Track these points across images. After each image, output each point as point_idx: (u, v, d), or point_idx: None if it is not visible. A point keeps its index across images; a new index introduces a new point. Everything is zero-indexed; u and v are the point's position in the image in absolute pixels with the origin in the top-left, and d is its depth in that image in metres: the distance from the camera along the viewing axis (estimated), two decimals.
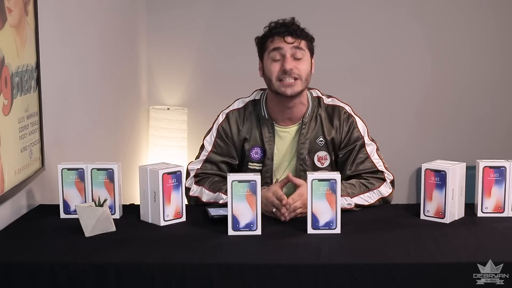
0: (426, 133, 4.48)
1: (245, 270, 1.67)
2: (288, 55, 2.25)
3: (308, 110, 2.33)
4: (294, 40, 2.25)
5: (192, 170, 2.32)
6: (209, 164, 2.32)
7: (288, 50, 2.25)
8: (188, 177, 2.31)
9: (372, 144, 2.33)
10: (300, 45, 2.26)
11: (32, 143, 2.15)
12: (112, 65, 3.45)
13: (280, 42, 2.25)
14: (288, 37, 2.25)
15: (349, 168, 2.29)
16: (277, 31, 2.27)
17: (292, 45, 2.25)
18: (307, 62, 2.28)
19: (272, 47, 2.27)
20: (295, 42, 2.25)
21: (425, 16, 4.37)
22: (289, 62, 2.24)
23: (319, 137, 2.32)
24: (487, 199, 2.06)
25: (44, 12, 2.26)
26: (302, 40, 2.26)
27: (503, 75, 4.43)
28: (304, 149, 2.31)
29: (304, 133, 2.32)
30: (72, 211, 2.05)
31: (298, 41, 2.25)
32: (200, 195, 2.24)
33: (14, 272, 1.67)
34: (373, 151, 2.32)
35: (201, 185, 2.27)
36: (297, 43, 2.25)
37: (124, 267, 1.68)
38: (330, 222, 1.90)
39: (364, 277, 1.67)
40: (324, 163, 2.33)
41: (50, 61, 2.33)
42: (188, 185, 2.29)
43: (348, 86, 4.33)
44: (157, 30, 4.31)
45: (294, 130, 2.34)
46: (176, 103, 4.38)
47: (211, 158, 2.33)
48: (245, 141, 2.33)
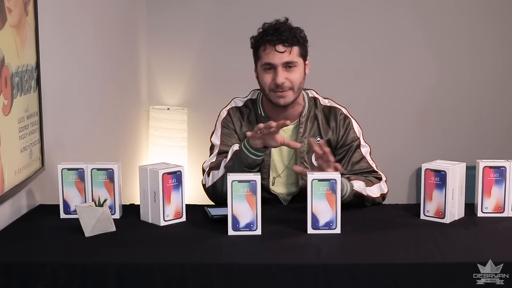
0: (426, 133, 4.48)
1: (245, 270, 1.67)
2: (279, 68, 2.23)
3: (304, 110, 2.35)
4: (285, 49, 2.22)
5: (206, 167, 2.32)
6: (221, 157, 2.31)
7: (279, 63, 2.23)
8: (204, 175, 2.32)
9: (366, 146, 2.37)
10: (291, 54, 2.23)
11: (32, 143, 2.15)
12: (112, 65, 3.45)
13: (271, 52, 2.23)
14: (279, 46, 2.22)
15: (345, 167, 2.30)
16: (268, 39, 2.23)
17: (283, 55, 2.22)
18: (300, 69, 2.27)
19: (264, 59, 2.25)
20: (286, 51, 2.22)
21: (426, 17, 4.37)
22: (281, 75, 2.22)
23: (316, 137, 2.33)
24: (487, 199, 2.06)
25: (44, 12, 2.26)
26: (294, 46, 2.24)
27: (503, 75, 4.44)
28: (304, 148, 2.32)
29: (302, 132, 2.33)
30: (72, 211, 2.05)
31: (289, 49, 2.22)
32: (212, 180, 2.24)
33: (14, 272, 1.67)
34: (367, 153, 2.36)
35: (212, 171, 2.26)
36: (288, 52, 2.22)
37: (124, 267, 1.68)
38: (330, 222, 1.90)
39: (364, 277, 1.67)
40: None
41: (50, 61, 2.33)
42: (204, 182, 2.30)
43: (349, 86, 4.33)
44: (157, 30, 4.31)
45: (291, 129, 2.34)
46: (176, 103, 4.39)
47: (222, 150, 2.32)
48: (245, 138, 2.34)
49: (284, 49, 2.22)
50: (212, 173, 2.26)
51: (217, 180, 2.23)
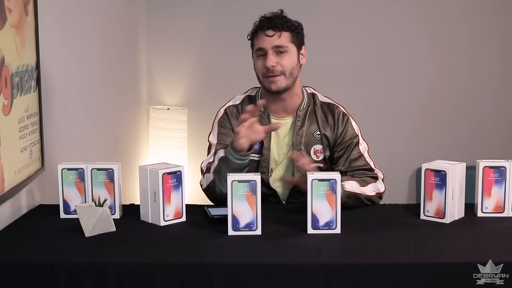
0: (426, 133, 4.48)
1: (245, 270, 1.67)
2: (269, 52, 2.27)
3: (303, 103, 2.36)
4: (274, 33, 2.26)
5: (204, 167, 2.32)
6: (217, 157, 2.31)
7: (269, 47, 2.27)
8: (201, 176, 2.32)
9: (364, 143, 2.37)
10: (281, 38, 2.27)
11: (32, 143, 2.15)
12: (112, 65, 3.45)
13: (262, 37, 2.28)
14: (268, 31, 2.27)
15: (343, 164, 2.31)
16: (261, 26, 2.29)
17: (272, 39, 2.26)
18: (292, 55, 2.29)
19: (256, 45, 2.30)
20: (275, 35, 2.26)
21: (426, 16, 4.37)
22: (270, 59, 2.26)
23: (315, 131, 2.34)
24: (487, 199, 2.06)
25: (44, 12, 2.26)
26: (284, 31, 2.27)
27: (503, 75, 4.43)
28: (300, 141, 2.32)
29: (299, 125, 2.34)
30: (72, 211, 2.05)
31: (278, 34, 2.26)
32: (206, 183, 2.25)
33: (14, 272, 1.67)
34: (365, 150, 2.36)
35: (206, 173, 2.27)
36: (277, 36, 2.26)
37: (124, 267, 1.68)
38: (330, 222, 1.90)
39: (364, 277, 1.67)
40: (319, 156, 2.35)
41: (50, 61, 2.33)
42: (201, 183, 2.31)
43: (349, 85, 4.33)
44: (157, 30, 4.31)
45: (289, 122, 2.36)
46: (176, 103, 4.38)
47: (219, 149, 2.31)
48: None
49: (273, 33, 2.27)
50: (206, 176, 2.27)
51: (210, 184, 2.24)
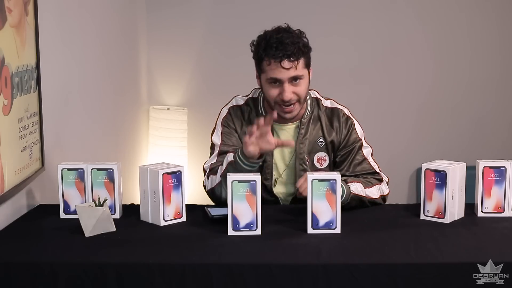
0: (426, 133, 4.48)
1: (245, 270, 1.67)
2: (286, 84, 2.18)
3: (307, 111, 2.33)
4: (291, 66, 2.15)
5: (207, 168, 2.30)
6: (221, 157, 2.28)
7: (286, 78, 2.17)
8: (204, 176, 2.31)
9: (368, 147, 2.36)
10: (297, 69, 2.17)
11: (32, 143, 2.15)
12: (112, 65, 3.45)
13: (277, 69, 2.16)
14: (284, 62, 2.15)
15: (347, 169, 2.30)
16: (273, 53, 2.15)
17: (289, 72, 2.16)
18: (305, 81, 2.22)
19: (269, 74, 2.19)
20: (292, 68, 2.16)
21: (426, 16, 4.37)
22: (287, 90, 2.18)
23: (319, 138, 2.32)
24: (487, 199, 2.06)
25: (44, 12, 2.26)
26: (300, 59, 2.17)
27: (503, 75, 4.43)
28: (304, 149, 2.31)
29: (303, 133, 2.31)
30: (72, 211, 2.05)
31: (295, 64, 2.16)
32: (211, 185, 2.24)
33: (14, 272, 1.67)
34: (369, 154, 2.34)
35: (211, 175, 2.25)
36: (294, 67, 2.16)
37: (124, 267, 1.68)
38: (330, 222, 1.90)
39: (364, 277, 1.67)
40: (323, 164, 2.33)
41: (50, 61, 2.33)
42: (204, 184, 2.29)
43: (349, 85, 4.33)
44: (157, 30, 4.31)
45: (292, 129, 2.33)
46: (176, 103, 4.38)
47: (222, 150, 2.29)
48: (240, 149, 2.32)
49: (290, 65, 2.16)
50: (211, 178, 2.25)
51: (215, 186, 2.22)
